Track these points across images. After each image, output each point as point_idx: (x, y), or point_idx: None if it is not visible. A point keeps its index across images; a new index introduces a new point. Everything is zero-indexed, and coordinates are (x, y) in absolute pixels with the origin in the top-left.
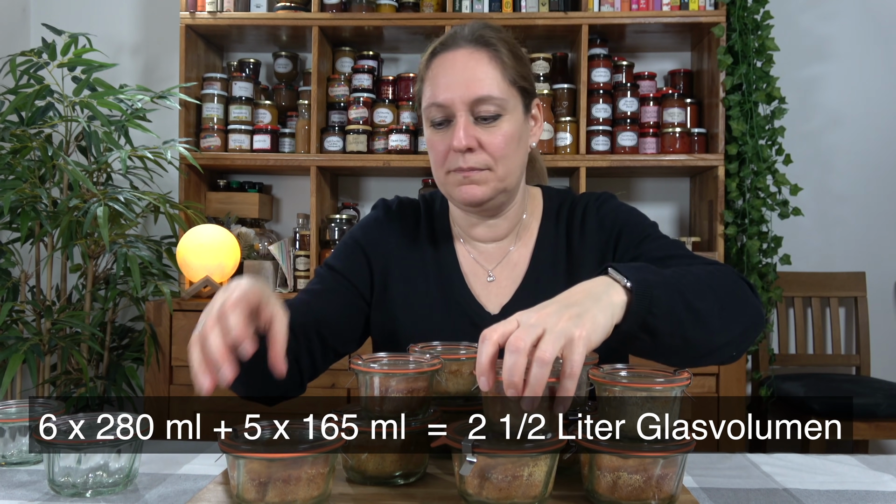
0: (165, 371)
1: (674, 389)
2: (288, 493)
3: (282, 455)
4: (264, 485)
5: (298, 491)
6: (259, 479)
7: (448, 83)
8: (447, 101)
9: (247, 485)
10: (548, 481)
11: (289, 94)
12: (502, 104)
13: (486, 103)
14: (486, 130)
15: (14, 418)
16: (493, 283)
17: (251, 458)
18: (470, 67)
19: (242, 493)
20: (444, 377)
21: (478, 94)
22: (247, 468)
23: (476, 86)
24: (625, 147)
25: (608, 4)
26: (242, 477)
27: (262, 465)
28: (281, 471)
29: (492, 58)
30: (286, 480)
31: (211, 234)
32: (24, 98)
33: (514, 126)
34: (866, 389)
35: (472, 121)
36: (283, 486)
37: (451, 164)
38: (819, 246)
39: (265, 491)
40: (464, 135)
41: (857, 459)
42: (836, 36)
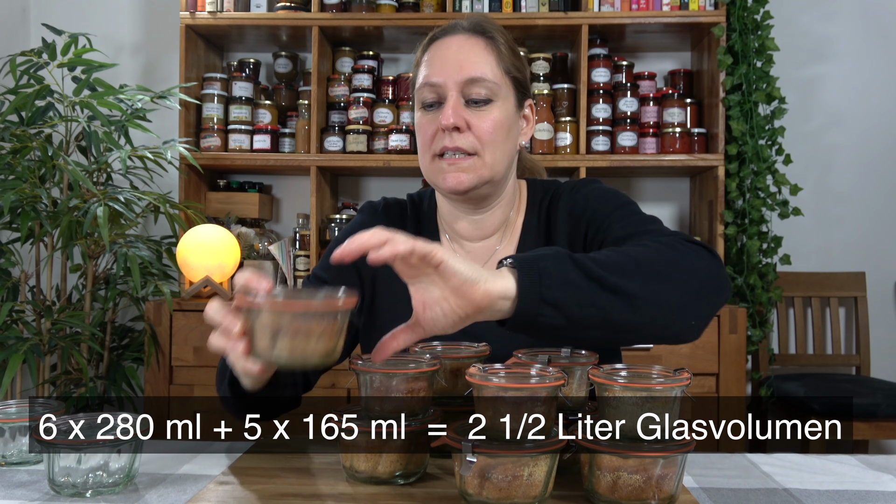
0: (165, 371)
1: (674, 389)
2: (298, 343)
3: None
4: (276, 334)
5: (308, 344)
6: (272, 329)
7: (442, 64)
8: (439, 81)
9: (261, 333)
10: (548, 481)
11: (289, 94)
12: (494, 89)
13: (477, 85)
14: (476, 114)
15: (14, 418)
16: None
17: (268, 311)
18: (465, 50)
19: (258, 344)
20: (444, 377)
21: (470, 75)
22: (259, 321)
23: (469, 67)
24: (625, 147)
25: (608, 4)
26: (260, 331)
27: (275, 316)
28: (294, 322)
29: (488, 44)
30: (297, 331)
31: (211, 234)
32: (24, 98)
33: (505, 115)
34: (866, 389)
35: (463, 103)
36: (294, 337)
37: (438, 145)
38: (819, 246)
39: (276, 341)
40: (452, 113)
41: (857, 459)
42: (836, 36)
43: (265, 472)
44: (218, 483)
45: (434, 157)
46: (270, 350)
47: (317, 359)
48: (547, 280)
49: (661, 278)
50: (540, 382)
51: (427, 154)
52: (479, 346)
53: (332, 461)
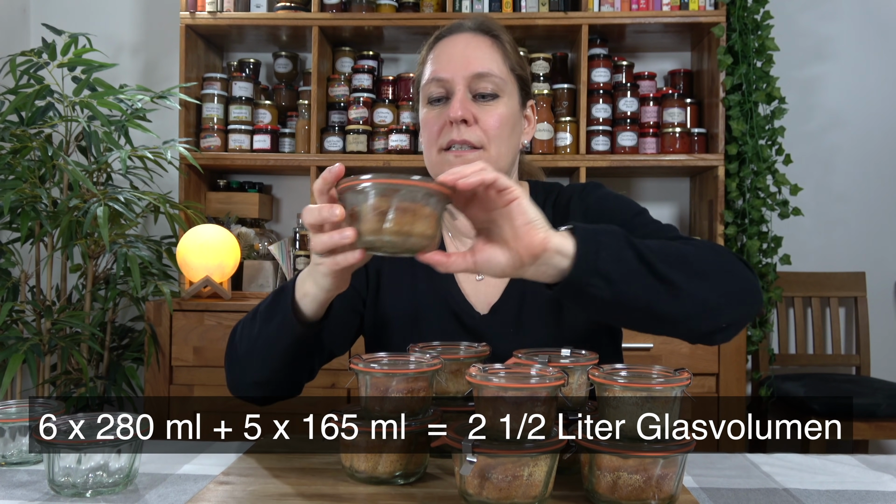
0: (165, 371)
1: (674, 389)
2: (405, 223)
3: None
4: (383, 214)
5: (415, 224)
6: (379, 209)
7: (450, 60)
8: (447, 76)
9: (369, 215)
10: (548, 481)
11: (289, 94)
12: (501, 85)
13: (484, 80)
14: (483, 108)
15: (14, 418)
16: (481, 282)
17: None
18: (472, 47)
19: (364, 227)
20: (444, 377)
21: (478, 70)
22: (366, 203)
23: (476, 63)
24: (625, 147)
25: (608, 4)
26: (369, 212)
27: (384, 194)
28: (402, 202)
29: (493, 42)
30: (405, 211)
31: (211, 234)
32: (24, 98)
33: (510, 111)
34: (866, 389)
35: (470, 97)
36: (401, 217)
37: (445, 139)
38: (819, 246)
39: (383, 222)
40: (460, 105)
41: (857, 459)
42: (836, 36)
43: (265, 472)
44: (218, 483)
45: (440, 150)
46: (377, 232)
47: (421, 241)
48: (604, 253)
49: (704, 276)
50: (540, 382)
51: (433, 148)
52: (479, 347)
53: (332, 461)
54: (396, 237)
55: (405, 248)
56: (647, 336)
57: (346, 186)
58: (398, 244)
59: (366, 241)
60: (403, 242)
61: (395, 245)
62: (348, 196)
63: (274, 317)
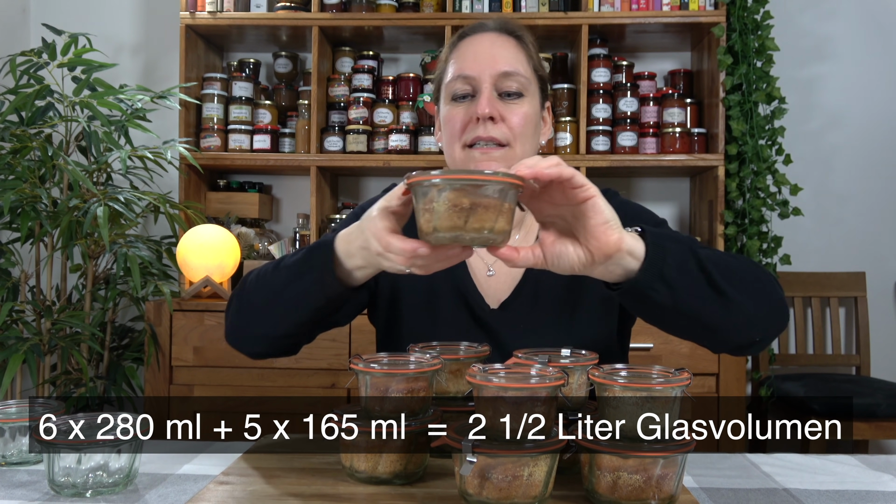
0: (165, 371)
1: (674, 389)
2: (487, 219)
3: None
4: (463, 210)
5: (497, 220)
6: (460, 206)
7: (476, 58)
8: (474, 73)
9: (447, 211)
10: (548, 481)
11: (289, 94)
12: (525, 84)
13: (510, 79)
14: (508, 106)
15: (14, 418)
16: (492, 277)
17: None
18: (498, 46)
19: (438, 221)
20: (444, 377)
21: (504, 69)
22: (441, 198)
23: (503, 61)
24: (625, 147)
25: (608, 4)
26: (443, 205)
27: (463, 194)
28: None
29: (518, 43)
30: (486, 207)
31: (211, 234)
32: (24, 98)
33: (533, 110)
34: (866, 389)
35: (496, 95)
36: (483, 213)
37: (470, 135)
38: (819, 246)
39: (463, 215)
40: (487, 103)
41: (857, 459)
42: (836, 36)
43: (265, 472)
44: (218, 483)
45: (464, 147)
46: (456, 228)
47: (498, 237)
48: (670, 259)
49: (749, 290)
50: (540, 382)
51: (457, 144)
52: (480, 347)
53: (332, 461)
54: (477, 234)
55: (481, 243)
56: (647, 336)
57: (418, 180)
58: (476, 240)
59: (442, 238)
60: (482, 239)
61: (474, 241)
62: (422, 190)
63: (307, 273)
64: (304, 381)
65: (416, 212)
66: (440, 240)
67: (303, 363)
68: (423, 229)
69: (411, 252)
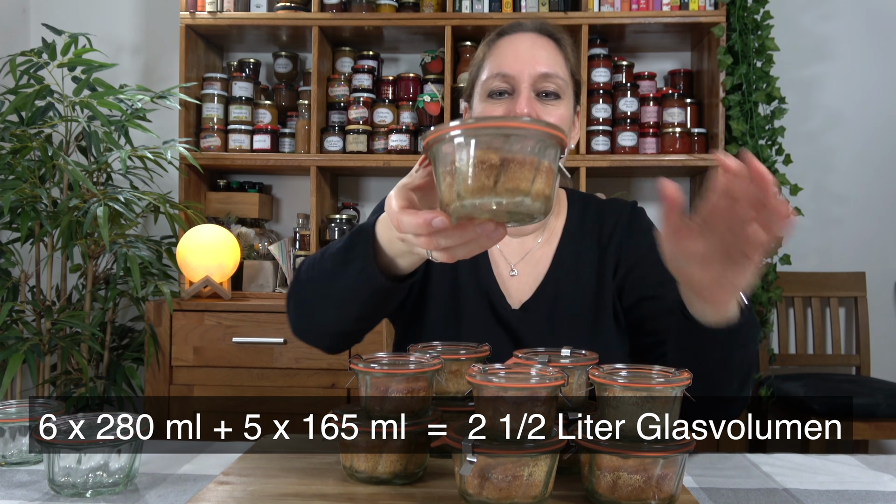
0: (165, 371)
1: (674, 389)
2: (522, 179)
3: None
4: (492, 169)
5: (535, 181)
6: (488, 163)
7: (516, 57)
8: (513, 72)
9: (472, 171)
10: (548, 481)
11: (289, 94)
12: (563, 87)
13: (549, 80)
14: (545, 108)
15: (14, 418)
16: (515, 277)
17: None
18: (538, 47)
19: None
20: (444, 377)
21: (544, 70)
22: (464, 155)
23: (543, 62)
24: (625, 147)
25: (608, 4)
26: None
27: (491, 150)
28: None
29: (557, 46)
30: (521, 164)
31: (211, 234)
32: (24, 98)
33: (568, 113)
34: (866, 389)
35: (533, 96)
36: (517, 171)
37: None
38: (819, 246)
39: (492, 176)
40: (527, 103)
41: (857, 459)
42: (836, 36)
43: (265, 472)
44: (218, 483)
45: None
46: (484, 191)
47: (536, 204)
48: (751, 317)
49: (751, 354)
50: (540, 382)
51: None
52: (480, 347)
53: (332, 461)
54: (510, 197)
55: (516, 212)
56: None
57: (436, 136)
58: (510, 207)
59: (467, 207)
60: (517, 206)
61: (507, 210)
62: (441, 150)
63: (351, 263)
64: (304, 381)
65: (437, 181)
66: (465, 210)
67: (303, 363)
68: (445, 199)
69: (425, 225)
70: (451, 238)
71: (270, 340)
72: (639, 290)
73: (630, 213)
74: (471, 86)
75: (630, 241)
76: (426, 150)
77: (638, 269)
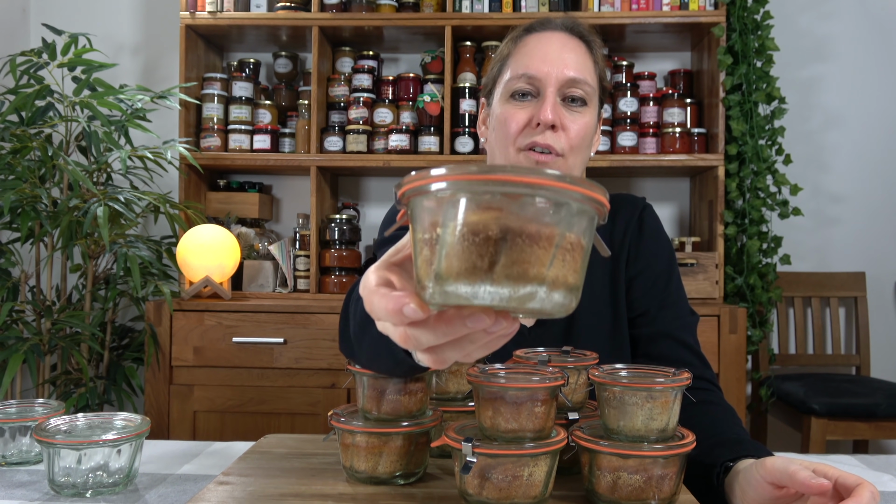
0: (165, 371)
1: (674, 389)
2: (532, 261)
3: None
4: (488, 243)
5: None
6: (482, 234)
7: (544, 58)
8: (541, 74)
9: (459, 244)
10: (548, 481)
11: (289, 94)
12: (590, 94)
13: (577, 86)
14: (570, 115)
15: (14, 418)
16: None
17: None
18: (568, 49)
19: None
20: (444, 377)
21: (572, 75)
22: (451, 226)
23: (572, 66)
24: (625, 147)
25: (608, 4)
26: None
27: (492, 211)
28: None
29: (588, 50)
30: (533, 239)
31: (211, 234)
32: (24, 98)
33: (592, 120)
34: (866, 389)
35: (559, 100)
36: (526, 249)
37: (525, 139)
38: (819, 246)
39: (495, 253)
40: (552, 109)
41: (857, 459)
42: (836, 36)
43: (265, 472)
44: (218, 483)
45: (519, 150)
46: (475, 275)
47: (553, 295)
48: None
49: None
50: (540, 382)
51: (511, 147)
52: None
53: (332, 461)
54: (513, 287)
55: (526, 309)
56: None
57: (412, 187)
58: (515, 304)
59: (450, 295)
60: (524, 300)
61: (509, 305)
62: (419, 206)
63: (368, 327)
64: (304, 381)
65: (414, 250)
66: (446, 298)
67: (303, 363)
68: (421, 279)
69: (395, 313)
70: (434, 333)
71: (270, 340)
72: (638, 305)
73: (641, 212)
74: (492, 82)
75: (640, 244)
76: (403, 203)
77: (642, 278)
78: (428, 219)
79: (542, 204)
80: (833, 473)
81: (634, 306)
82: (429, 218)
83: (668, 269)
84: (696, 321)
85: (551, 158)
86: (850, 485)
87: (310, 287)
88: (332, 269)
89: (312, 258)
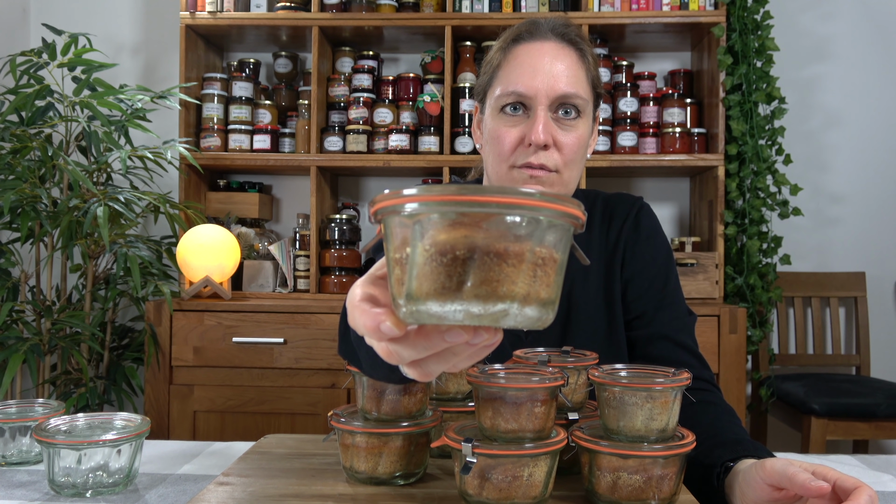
0: (165, 371)
1: (674, 389)
2: (503, 278)
3: None
4: (459, 263)
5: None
6: (452, 254)
7: (534, 72)
8: (531, 92)
9: (429, 266)
10: (548, 481)
11: (289, 94)
12: (583, 106)
13: (569, 101)
14: (563, 130)
15: (14, 418)
16: None
17: None
18: (558, 61)
19: None
20: (444, 377)
21: (564, 91)
22: (422, 247)
23: (563, 82)
24: (625, 147)
25: (608, 4)
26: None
27: (464, 230)
28: None
29: (579, 57)
30: (501, 256)
31: (211, 234)
32: (24, 98)
33: (586, 130)
34: (866, 389)
35: (550, 115)
36: (496, 267)
37: (519, 158)
38: (819, 246)
39: (463, 273)
40: (543, 130)
41: (857, 459)
42: (836, 36)
43: (265, 472)
44: (218, 483)
45: (513, 167)
46: (446, 295)
47: (526, 310)
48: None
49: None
50: (540, 382)
51: (504, 164)
52: None
53: (332, 461)
54: (483, 305)
55: (498, 325)
56: None
57: (384, 206)
58: (487, 321)
59: (422, 315)
60: (497, 317)
61: (482, 322)
62: (391, 224)
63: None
64: (304, 381)
65: (388, 267)
66: (419, 317)
67: (303, 363)
68: (394, 294)
69: (373, 328)
70: (415, 349)
71: (270, 340)
72: (635, 307)
73: (637, 212)
74: (482, 91)
75: (637, 244)
76: (376, 216)
77: (639, 279)
78: (399, 238)
79: (510, 221)
80: (832, 476)
81: (631, 308)
82: (399, 237)
83: (665, 269)
84: (694, 321)
85: (545, 174)
86: (849, 487)
87: (310, 287)
88: (332, 269)
89: (312, 258)
